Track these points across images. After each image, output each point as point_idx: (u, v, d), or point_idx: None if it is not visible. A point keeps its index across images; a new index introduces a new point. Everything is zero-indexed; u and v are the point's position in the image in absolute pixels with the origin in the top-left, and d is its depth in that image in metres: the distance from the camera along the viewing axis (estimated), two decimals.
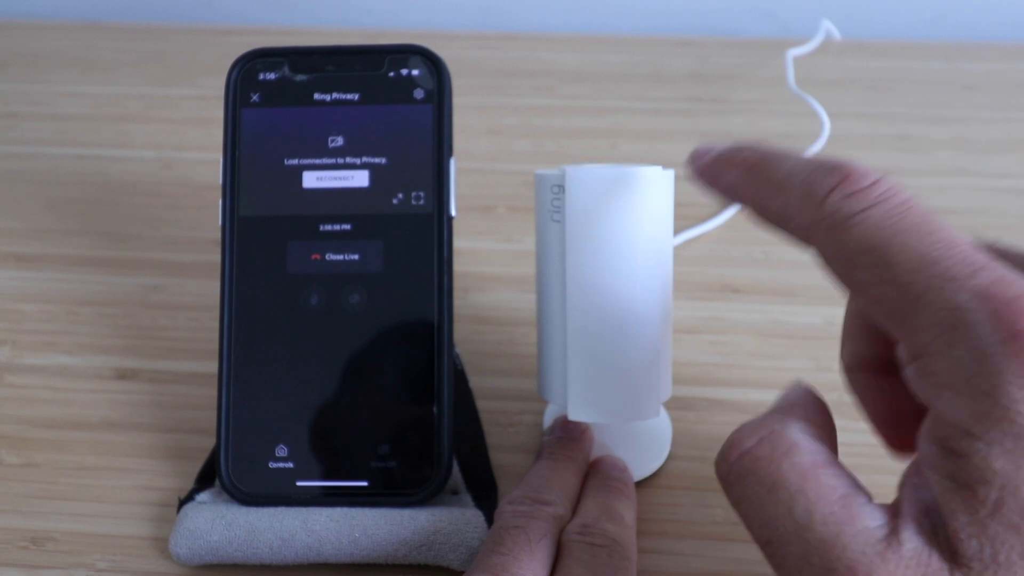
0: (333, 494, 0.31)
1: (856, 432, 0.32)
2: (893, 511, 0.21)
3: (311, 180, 0.33)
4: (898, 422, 0.26)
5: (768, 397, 0.37)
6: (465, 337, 0.40)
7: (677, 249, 0.45)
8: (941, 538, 0.20)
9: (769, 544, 0.21)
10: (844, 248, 0.22)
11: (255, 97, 0.33)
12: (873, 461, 0.30)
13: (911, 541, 0.20)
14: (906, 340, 0.21)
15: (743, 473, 0.22)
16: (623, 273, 0.30)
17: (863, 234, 0.21)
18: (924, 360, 0.20)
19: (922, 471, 0.21)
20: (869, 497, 0.21)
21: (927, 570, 0.19)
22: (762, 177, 0.24)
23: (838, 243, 0.22)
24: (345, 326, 0.32)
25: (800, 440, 0.22)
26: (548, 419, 0.35)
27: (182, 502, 0.31)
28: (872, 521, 0.20)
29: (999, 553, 0.19)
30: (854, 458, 0.26)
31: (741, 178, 0.25)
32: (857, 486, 0.21)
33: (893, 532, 0.20)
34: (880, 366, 0.26)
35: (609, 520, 0.28)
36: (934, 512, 0.20)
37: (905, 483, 0.21)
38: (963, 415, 0.19)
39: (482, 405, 0.36)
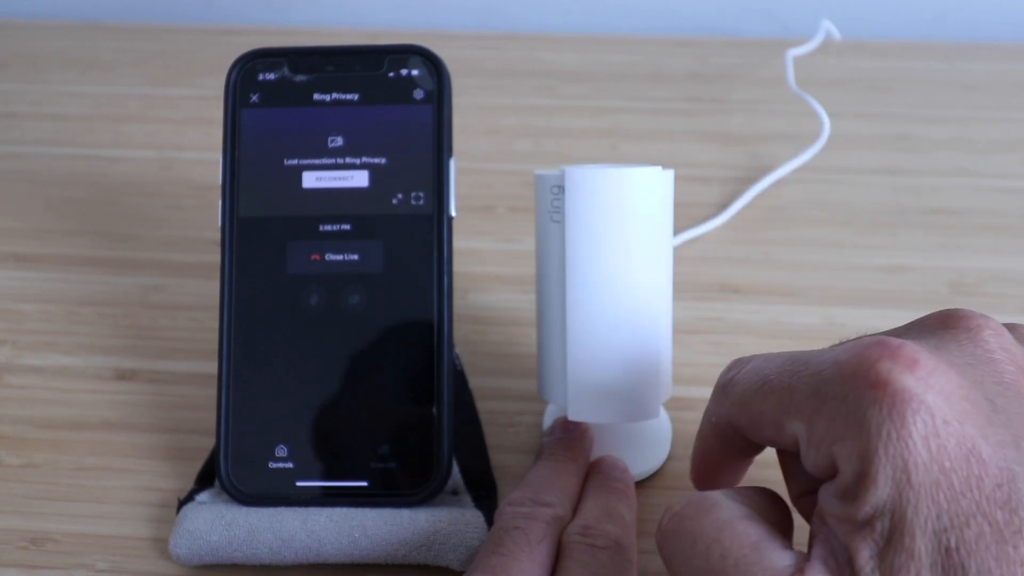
0: (333, 494, 0.31)
1: None
2: (803, 556, 0.22)
3: (311, 180, 0.33)
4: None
5: None
6: (465, 337, 0.40)
7: (677, 249, 0.45)
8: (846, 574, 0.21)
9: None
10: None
11: (255, 97, 0.33)
12: None
13: None
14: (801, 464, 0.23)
15: (671, 532, 0.23)
16: (623, 273, 0.30)
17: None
18: (811, 439, 0.22)
19: (827, 522, 0.22)
20: (785, 544, 0.22)
21: None
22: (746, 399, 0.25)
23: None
24: (345, 326, 0.32)
25: (721, 501, 0.23)
26: (548, 419, 0.35)
27: (182, 502, 0.31)
28: (781, 562, 0.21)
29: None
30: None
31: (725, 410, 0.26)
32: (772, 537, 0.22)
33: (800, 571, 0.21)
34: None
35: (610, 521, 0.28)
36: (840, 553, 0.21)
37: (816, 533, 0.22)
38: (852, 459, 0.21)
39: (482, 405, 0.36)
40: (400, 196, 0.32)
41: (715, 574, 0.22)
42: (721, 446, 0.27)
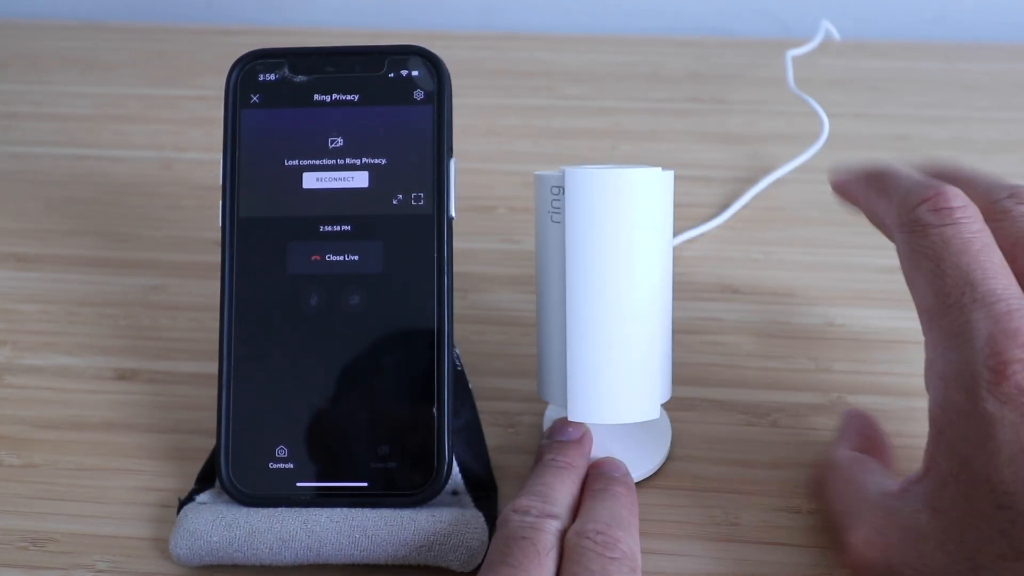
0: (333, 495, 0.31)
1: None
2: (894, 481, 0.28)
3: (311, 181, 0.33)
4: None
5: (768, 397, 0.37)
6: (465, 337, 0.40)
7: (677, 249, 0.45)
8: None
9: (832, 524, 0.30)
10: (915, 249, 0.27)
11: (255, 98, 0.33)
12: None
13: (897, 503, 0.27)
14: (927, 334, 0.27)
15: (816, 491, 0.32)
16: (623, 273, 0.30)
17: (931, 243, 0.27)
18: (932, 356, 0.27)
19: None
20: (882, 475, 0.29)
21: (900, 519, 0.27)
22: (875, 184, 0.31)
23: (913, 244, 0.28)
24: (345, 327, 0.32)
25: (841, 459, 0.31)
26: (548, 420, 0.35)
27: (182, 503, 0.31)
28: (870, 491, 0.28)
29: (951, 512, 0.25)
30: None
31: (860, 184, 0.32)
32: (872, 472, 0.29)
33: (886, 497, 0.28)
34: None
35: (618, 527, 0.28)
36: None
37: None
38: (948, 403, 0.26)
39: (482, 405, 0.36)
40: (400, 197, 0.32)
41: (835, 513, 0.29)
42: (850, 194, 0.34)
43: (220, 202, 0.33)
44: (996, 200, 0.29)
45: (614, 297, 0.30)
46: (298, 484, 0.31)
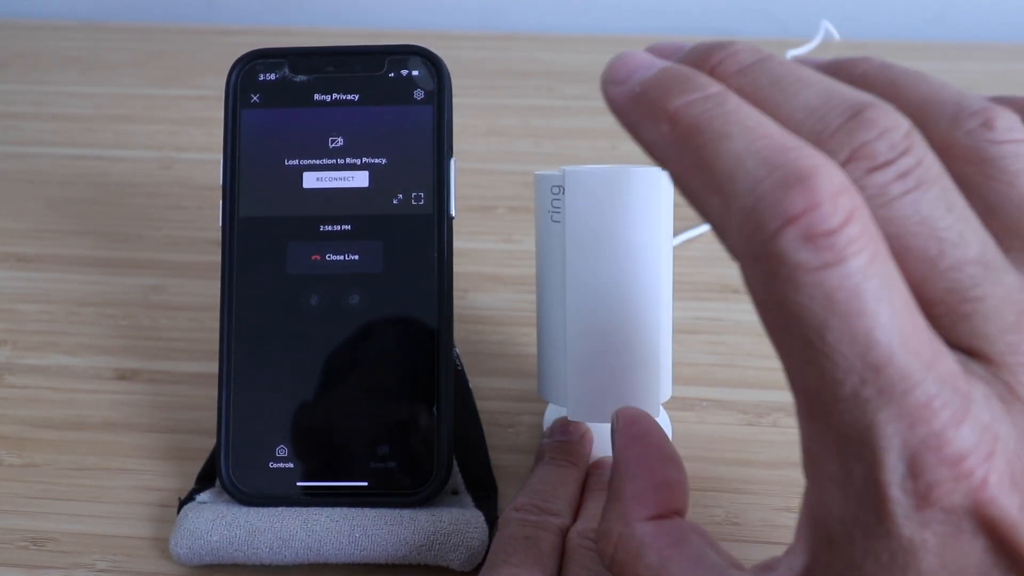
0: (333, 494, 0.31)
1: None
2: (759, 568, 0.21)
3: (311, 181, 0.33)
4: None
5: (768, 397, 0.37)
6: (465, 337, 0.40)
7: (677, 249, 0.45)
8: None
9: None
10: (780, 304, 0.17)
11: (255, 98, 0.33)
12: None
13: None
14: (806, 423, 0.19)
15: None
16: (623, 273, 0.30)
17: (806, 299, 0.17)
18: (818, 452, 0.19)
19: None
20: (726, 564, 0.22)
21: None
22: (697, 156, 0.18)
23: (776, 294, 0.17)
24: (345, 326, 0.32)
25: (645, 537, 0.23)
26: (548, 419, 0.35)
27: (182, 502, 0.31)
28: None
29: None
30: None
31: (668, 141, 0.19)
32: (703, 559, 0.22)
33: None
34: None
35: None
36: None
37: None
38: (846, 516, 0.18)
39: (482, 405, 0.36)
40: (400, 196, 0.32)
41: None
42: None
43: (220, 202, 0.33)
44: (963, 126, 0.19)
45: (614, 297, 0.30)
46: (298, 484, 0.31)
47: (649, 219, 0.30)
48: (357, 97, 0.33)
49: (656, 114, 0.19)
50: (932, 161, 0.18)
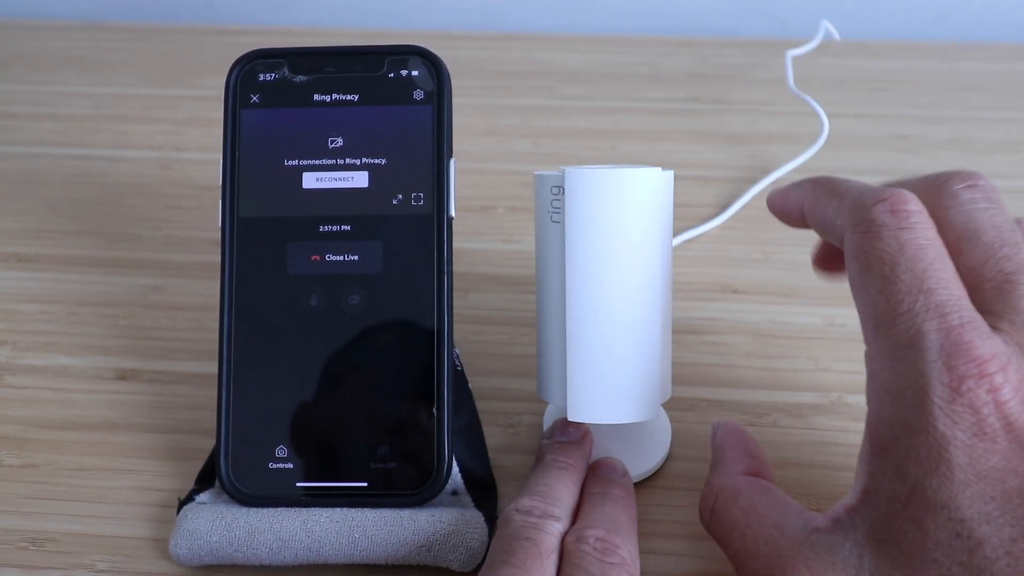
0: (333, 495, 0.31)
1: (855, 433, 0.32)
2: (817, 517, 0.26)
3: (311, 181, 0.33)
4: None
5: (768, 397, 0.37)
6: (465, 337, 0.40)
7: (677, 249, 0.45)
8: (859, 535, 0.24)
9: (735, 567, 0.27)
10: (868, 251, 0.26)
11: (255, 98, 0.33)
12: None
13: (830, 539, 0.25)
14: (872, 344, 0.26)
15: (714, 525, 0.28)
16: (623, 273, 0.30)
17: (887, 246, 0.25)
18: (877, 367, 0.25)
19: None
20: (799, 511, 0.26)
21: (838, 557, 0.24)
22: (825, 187, 0.29)
23: (866, 245, 0.26)
24: (345, 327, 0.32)
25: (740, 486, 0.28)
26: (548, 420, 0.35)
27: (182, 503, 0.31)
28: (798, 530, 0.25)
29: (902, 543, 0.23)
30: (852, 458, 0.26)
31: (807, 190, 0.30)
32: (787, 509, 0.27)
33: (815, 532, 0.25)
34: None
35: (617, 532, 0.28)
36: (858, 509, 0.25)
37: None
38: (895, 420, 0.24)
39: (482, 405, 0.36)
40: (400, 197, 0.32)
41: (750, 553, 0.26)
42: (789, 206, 0.31)
43: (220, 202, 0.33)
44: (942, 185, 0.27)
45: (614, 297, 0.30)
46: (298, 484, 0.31)
47: (649, 219, 0.30)
48: (357, 97, 0.33)
49: (798, 185, 0.31)
50: (998, 196, 0.27)
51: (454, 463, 0.32)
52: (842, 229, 0.27)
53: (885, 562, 0.23)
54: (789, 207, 0.31)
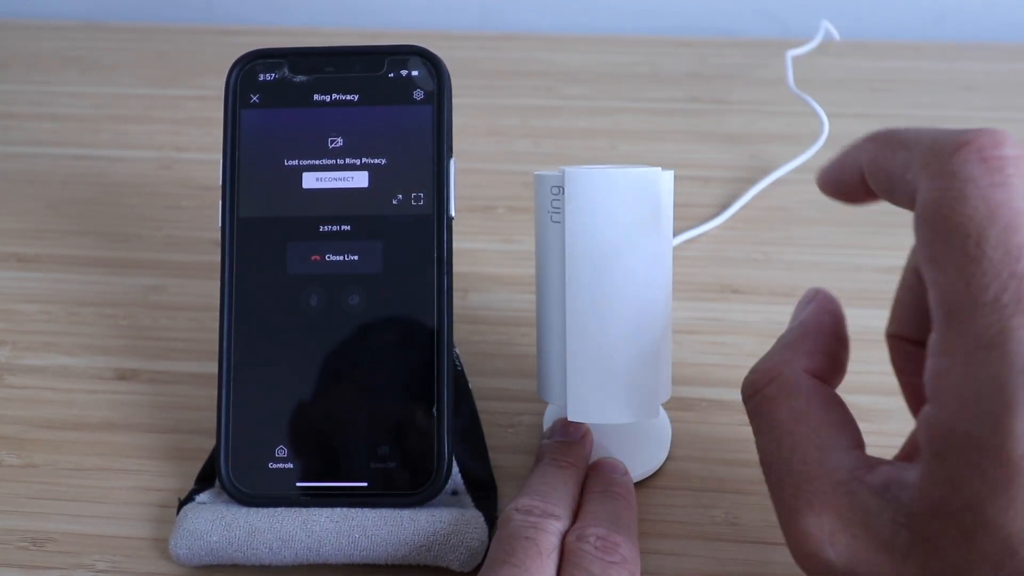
0: (333, 495, 0.31)
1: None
2: (869, 463, 0.23)
3: (311, 181, 0.33)
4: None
5: None
6: (465, 337, 0.40)
7: (677, 249, 0.45)
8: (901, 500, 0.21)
9: (762, 464, 0.25)
10: (946, 215, 0.20)
11: (255, 98, 0.33)
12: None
13: (871, 500, 0.22)
14: (942, 333, 0.20)
15: (756, 410, 0.25)
16: (623, 273, 0.30)
17: (973, 209, 0.20)
18: (946, 365, 0.20)
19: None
20: (851, 443, 0.23)
21: (873, 524, 0.21)
22: (888, 139, 0.23)
23: (945, 205, 0.20)
24: (345, 327, 0.32)
25: (802, 382, 0.24)
26: (548, 420, 0.35)
27: (182, 503, 0.31)
28: (842, 464, 0.22)
29: (945, 547, 0.20)
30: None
31: (865, 146, 0.24)
32: (841, 434, 0.23)
33: (858, 483, 0.22)
34: (922, 339, 0.26)
35: (618, 531, 0.28)
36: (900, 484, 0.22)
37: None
38: (958, 429, 0.20)
39: (482, 405, 0.36)
40: (400, 197, 0.32)
41: (784, 462, 0.23)
42: (846, 172, 0.26)
43: (220, 202, 0.33)
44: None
45: (614, 297, 0.30)
46: (298, 484, 0.31)
47: (649, 219, 0.30)
48: (357, 97, 0.33)
49: (856, 144, 0.25)
50: None
51: (454, 463, 0.32)
52: (914, 185, 0.21)
53: (921, 554, 0.21)
54: (846, 173, 0.25)
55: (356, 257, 0.32)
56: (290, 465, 0.31)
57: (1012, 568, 0.19)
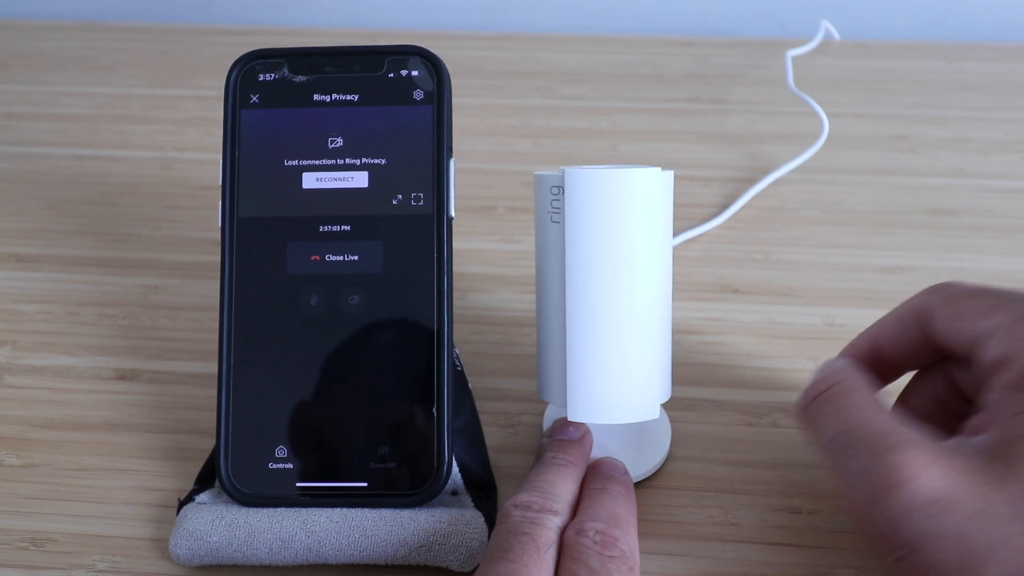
0: (333, 495, 0.31)
1: None
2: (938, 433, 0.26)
3: (311, 181, 0.33)
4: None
5: (768, 397, 0.37)
6: (465, 337, 0.40)
7: (677, 249, 0.45)
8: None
9: (829, 442, 0.27)
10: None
11: (255, 98, 0.33)
12: None
13: (950, 442, 0.26)
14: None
15: (822, 402, 0.28)
16: (623, 273, 0.30)
17: None
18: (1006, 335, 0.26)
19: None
20: (914, 424, 0.26)
21: (953, 451, 0.25)
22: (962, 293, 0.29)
23: None
24: (345, 327, 0.32)
25: (864, 384, 0.28)
26: (548, 420, 0.35)
27: (182, 503, 0.31)
28: (917, 432, 0.26)
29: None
30: None
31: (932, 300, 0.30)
32: (904, 418, 0.27)
33: (934, 438, 0.26)
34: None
35: (617, 527, 0.28)
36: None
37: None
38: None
39: (482, 405, 0.36)
40: (400, 197, 0.32)
41: (867, 423, 0.26)
42: (896, 331, 0.30)
43: (220, 202, 0.33)
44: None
45: (614, 297, 0.30)
46: (298, 484, 0.31)
47: (649, 219, 0.30)
48: (357, 97, 0.33)
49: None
50: None
51: (454, 463, 0.32)
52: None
53: (1012, 476, 0.24)
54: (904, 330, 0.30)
55: (356, 257, 0.32)
56: (290, 465, 0.31)
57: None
